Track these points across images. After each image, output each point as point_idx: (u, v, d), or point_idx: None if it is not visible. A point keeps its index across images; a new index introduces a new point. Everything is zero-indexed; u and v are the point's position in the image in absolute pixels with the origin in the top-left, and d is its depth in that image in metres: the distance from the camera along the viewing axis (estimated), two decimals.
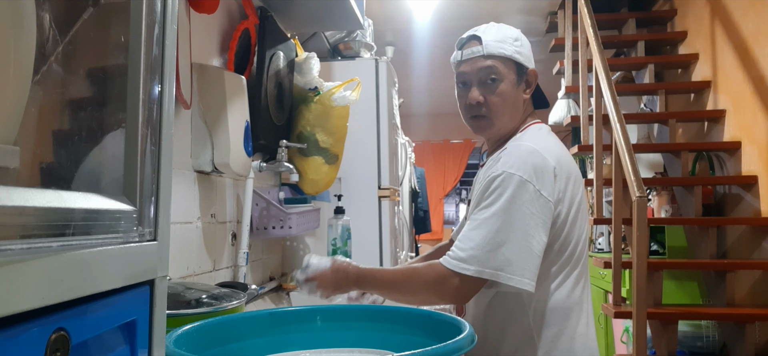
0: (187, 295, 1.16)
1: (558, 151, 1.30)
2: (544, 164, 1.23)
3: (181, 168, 1.56)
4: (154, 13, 0.58)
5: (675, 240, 3.26)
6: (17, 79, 0.41)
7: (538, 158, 1.24)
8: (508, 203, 1.20)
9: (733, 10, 3.14)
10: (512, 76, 1.34)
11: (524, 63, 1.35)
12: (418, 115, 7.99)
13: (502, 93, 1.33)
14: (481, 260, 1.19)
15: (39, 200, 0.42)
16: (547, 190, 1.22)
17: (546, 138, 1.33)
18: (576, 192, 1.30)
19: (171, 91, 0.62)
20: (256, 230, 2.01)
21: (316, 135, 2.19)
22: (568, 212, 1.27)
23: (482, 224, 1.21)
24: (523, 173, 1.21)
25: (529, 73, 1.37)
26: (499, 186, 1.22)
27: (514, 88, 1.34)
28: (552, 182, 1.23)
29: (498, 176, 1.23)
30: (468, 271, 1.19)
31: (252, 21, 1.92)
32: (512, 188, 1.20)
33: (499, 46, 1.33)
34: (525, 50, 1.36)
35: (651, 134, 3.98)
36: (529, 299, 1.26)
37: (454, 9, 4.33)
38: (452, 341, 0.88)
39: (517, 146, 1.29)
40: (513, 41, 1.35)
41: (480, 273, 1.19)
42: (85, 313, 0.48)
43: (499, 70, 1.33)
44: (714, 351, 2.92)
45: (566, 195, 1.27)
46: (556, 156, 1.27)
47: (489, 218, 1.21)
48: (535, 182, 1.21)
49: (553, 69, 4.08)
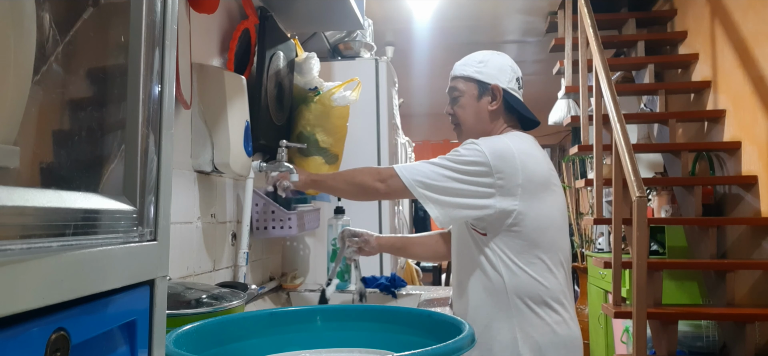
0: (187, 295, 1.16)
1: (529, 150, 1.53)
2: (508, 155, 1.48)
3: (181, 168, 1.56)
4: (154, 14, 0.58)
5: (675, 240, 3.26)
6: (17, 79, 0.41)
7: (505, 148, 1.50)
8: (463, 164, 1.49)
9: (733, 10, 3.14)
10: (473, 91, 1.63)
11: (485, 80, 1.61)
12: (418, 115, 7.99)
13: (463, 105, 1.64)
14: (419, 181, 1.52)
15: (39, 200, 0.42)
16: (499, 174, 1.46)
17: (520, 139, 1.56)
18: (542, 187, 1.50)
19: (171, 91, 0.62)
20: (256, 230, 2.01)
21: (316, 135, 2.19)
22: (531, 203, 1.47)
23: (437, 166, 1.52)
24: (487, 150, 1.49)
25: (492, 88, 1.61)
26: (465, 151, 1.52)
27: (474, 101, 1.63)
28: (509, 171, 1.47)
29: (471, 144, 1.53)
30: (405, 180, 1.53)
31: (252, 21, 1.92)
32: (471, 157, 1.49)
33: (462, 68, 1.65)
34: (489, 69, 1.62)
35: (651, 134, 3.97)
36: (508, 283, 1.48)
37: (454, 9, 4.33)
38: (452, 341, 0.88)
39: (495, 137, 1.57)
40: (477, 63, 1.64)
41: (411, 186, 1.52)
42: (85, 313, 0.48)
43: (460, 87, 1.64)
44: (714, 351, 2.92)
45: (529, 187, 1.47)
46: (523, 153, 1.50)
47: (442, 162, 1.52)
48: (493, 162, 1.47)
49: (553, 69, 4.08)
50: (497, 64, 1.63)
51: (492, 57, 1.65)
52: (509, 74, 1.63)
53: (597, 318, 4.04)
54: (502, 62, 1.64)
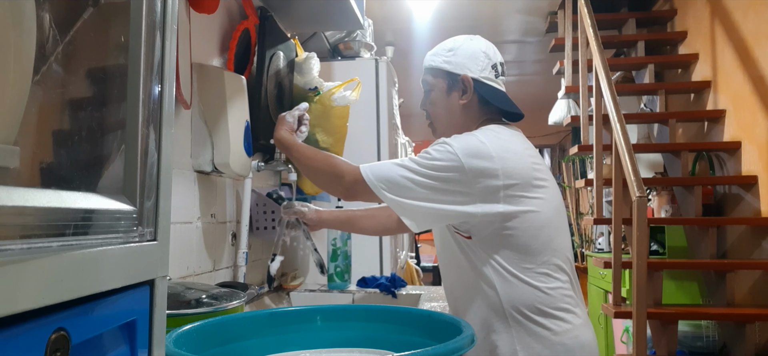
0: (187, 295, 1.16)
1: (508, 146, 1.35)
2: (482, 152, 1.31)
3: (181, 168, 1.56)
4: (154, 14, 0.58)
5: (675, 240, 3.26)
6: (17, 79, 0.41)
7: (479, 146, 1.32)
8: (432, 166, 1.32)
9: (733, 10, 3.14)
10: (442, 84, 1.46)
11: (454, 71, 1.44)
12: (418, 115, 7.92)
13: (433, 101, 1.48)
14: (385, 183, 1.34)
15: (39, 200, 0.42)
16: (472, 173, 1.30)
17: (497, 134, 1.38)
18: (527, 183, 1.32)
19: (171, 91, 0.62)
20: (256, 230, 2.01)
21: (316, 135, 2.19)
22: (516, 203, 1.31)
23: (406, 167, 1.35)
24: (459, 149, 1.31)
25: (461, 79, 1.43)
26: (435, 151, 1.34)
27: (444, 95, 1.46)
28: (482, 169, 1.30)
29: (441, 142, 1.35)
30: (371, 184, 1.35)
31: (252, 21, 1.92)
32: (442, 157, 1.32)
33: (431, 58, 1.48)
34: (459, 58, 1.44)
35: (651, 134, 3.97)
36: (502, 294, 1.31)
37: (454, 9, 4.33)
38: (452, 341, 0.88)
39: (470, 134, 1.38)
40: (446, 51, 1.46)
41: (378, 191, 1.35)
42: (85, 313, 0.48)
43: (429, 81, 1.48)
44: (714, 351, 2.92)
45: (510, 185, 1.31)
46: (502, 149, 1.33)
47: (413, 170, 1.34)
48: (465, 161, 1.30)
49: (553, 69, 4.08)
50: (468, 52, 1.44)
51: (463, 43, 1.45)
52: (482, 61, 1.43)
53: (597, 318, 4.04)
54: (474, 48, 1.44)
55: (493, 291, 1.32)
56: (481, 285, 1.34)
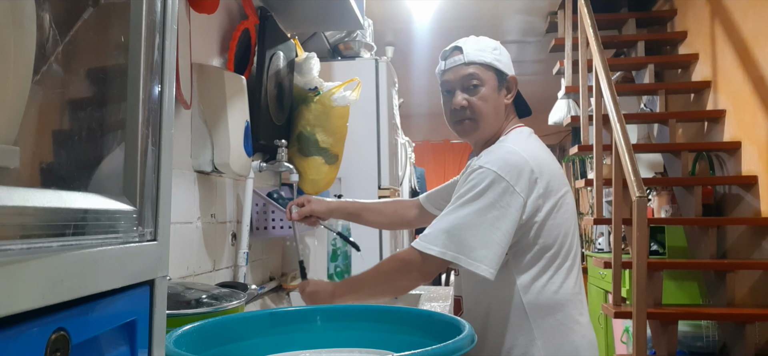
0: (187, 295, 1.16)
1: (538, 152, 1.37)
2: (521, 164, 1.30)
3: (181, 168, 1.56)
4: (154, 14, 0.58)
5: (675, 240, 3.26)
6: (17, 79, 0.41)
7: (516, 157, 1.32)
8: (480, 195, 1.29)
9: (733, 10, 3.14)
10: (493, 81, 1.43)
11: (504, 70, 1.45)
12: (418, 115, 7.98)
13: (485, 97, 1.42)
14: (445, 243, 1.28)
15: (39, 200, 0.42)
16: (520, 186, 1.29)
17: (527, 140, 1.41)
18: (557, 190, 1.35)
19: (171, 91, 0.62)
20: (256, 230, 2.01)
21: (316, 135, 2.19)
22: (549, 210, 1.32)
23: (453, 211, 1.30)
24: (499, 168, 1.29)
25: (509, 79, 1.46)
26: (474, 179, 1.31)
27: (495, 92, 1.44)
28: (527, 181, 1.30)
29: (476, 170, 1.32)
30: (432, 251, 1.29)
31: (252, 21, 1.92)
32: (486, 182, 1.29)
33: (479, 54, 1.43)
34: (504, 58, 1.46)
35: (651, 134, 3.98)
36: (523, 295, 1.33)
37: (454, 9, 4.33)
38: (452, 341, 0.88)
39: (498, 146, 1.38)
40: (492, 50, 1.45)
41: (442, 254, 1.28)
42: (85, 313, 0.48)
43: (480, 75, 1.42)
44: (714, 351, 2.92)
45: (545, 193, 1.32)
46: (535, 157, 1.34)
47: (460, 207, 1.30)
48: (509, 178, 1.28)
49: (553, 69, 4.08)
50: (506, 53, 1.49)
51: (499, 44, 1.50)
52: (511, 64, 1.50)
53: (597, 318, 4.04)
54: (506, 51, 1.51)
55: (513, 289, 1.34)
56: (503, 283, 1.34)
